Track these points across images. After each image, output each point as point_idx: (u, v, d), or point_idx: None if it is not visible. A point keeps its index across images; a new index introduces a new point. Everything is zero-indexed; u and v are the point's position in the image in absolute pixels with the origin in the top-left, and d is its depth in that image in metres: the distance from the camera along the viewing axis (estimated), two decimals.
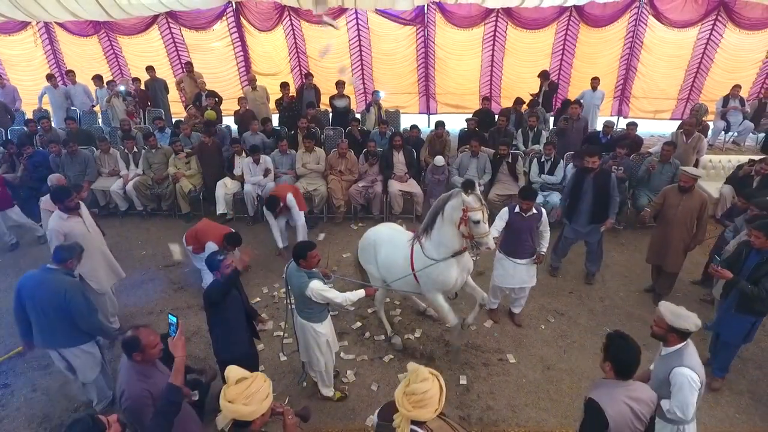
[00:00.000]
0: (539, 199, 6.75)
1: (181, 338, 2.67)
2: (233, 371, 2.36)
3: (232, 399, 2.27)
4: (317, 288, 3.59)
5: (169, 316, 2.71)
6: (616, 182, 5.39)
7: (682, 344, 2.81)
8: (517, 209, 4.69)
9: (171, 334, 2.67)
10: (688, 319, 2.76)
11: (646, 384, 2.66)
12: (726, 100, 9.24)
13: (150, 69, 9.73)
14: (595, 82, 9.23)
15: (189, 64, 9.76)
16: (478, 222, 3.86)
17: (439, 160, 7.01)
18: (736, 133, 9.43)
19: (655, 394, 2.58)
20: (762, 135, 9.30)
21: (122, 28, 10.27)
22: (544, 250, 4.85)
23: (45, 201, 5.49)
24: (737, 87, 9.17)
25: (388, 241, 4.57)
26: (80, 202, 4.63)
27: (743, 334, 4.12)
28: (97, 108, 9.75)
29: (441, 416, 2.70)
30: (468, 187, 3.88)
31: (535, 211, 4.71)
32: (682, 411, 2.76)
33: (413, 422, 2.29)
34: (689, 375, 2.70)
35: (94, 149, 7.66)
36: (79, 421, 2.24)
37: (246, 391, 2.28)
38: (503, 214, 4.75)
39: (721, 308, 4.23)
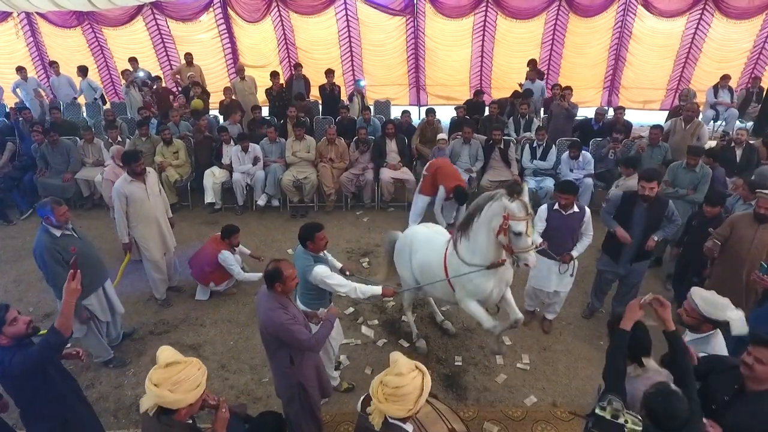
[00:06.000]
0: (531, 184, 6.72)
1: (75, 281, 2.71)
2: (166, 352, 2.18)
3: (158, 383, 2.09)
4: (321, 273, 3.39)
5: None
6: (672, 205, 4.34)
7: (714, 332, 2.66)
8: (555, 206, 4.21)
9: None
10: (724, 308, 2.57)
11: (665, 371, 2.47)
12: (716, 90, 9.29)
13: (133, 60, 9.56)
14: (539, 75, 9.27)
15: (189, 55, 9.60)
16: (519, 234, 3.26)
17: (443, 136, 7.02)
18: (723, 122, 9.49)
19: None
20: (750, 123, 9.36)
21: (106, 19, 10.07)
22: (576, 253, 4.28)
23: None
24: (726, 77, 9.21)
25: (424, 243, 4.09)
26: (148, 168, 4.86)
27: None
28: (81, 99, 9.55)
29: (429, 401, 2.62)
30: (514, 191, 3.28)
31: (576, 209, 4.19)
32: None
33: (392, 417, 2.14)
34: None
35: (78, 139, 7.48)
36: None
37: (174, 377, 2.10)
38: (542, 213, 4.24)
39: (751, 319, 3.61)
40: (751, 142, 6.62)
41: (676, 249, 4.96)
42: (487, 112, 8.48)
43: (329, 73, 8.93)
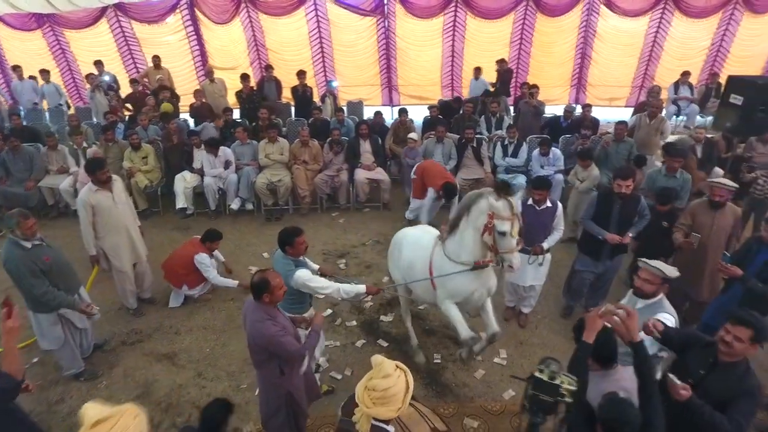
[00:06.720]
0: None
1: (13, 317, 2.54)
2: (91, 410, 1.83)
3: None
4: (303, 278, 3.35)
5: None
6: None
7: (662, 295, 2.96)
8: (529, 201, 4.33)
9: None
10: (669, 267, 2.97)
11: (630, 368, 2.53)
12: (676, 86, 9.62)
13: (98, 63, 9.31)
14: (477, 72, 9.51)
15: (156, 58, 9.41)
16: (504, 234, 3.26)
17: (414, 135, 7.02)
18: (685, 117, 9.84)
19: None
20: (710, 118, 9.74)
21: (68, 22, 9.78)
22: (546, 245, 4.37)
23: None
24: (687, 73, 9.56)
25: (413, 243, 4.06)
26: (114, 176, 4.67)
27: None
28: (45, 104, 9.24)
29: (411, 402, 2.56)
30: (501, 189, 3.28)
31: (549, 204, 4.31)
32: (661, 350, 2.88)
33: (377, 419, 2.13)
34: (670, 321, 2.83)
35: (41, 146, 7.23)
36: None
37: None
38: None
39: (717, 306, 3.95)
40: (709, 136, 6.88)
41: (635, 242, 5.09)
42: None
43: (301, 74, 8.89)
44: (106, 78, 9.23)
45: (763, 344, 2.44)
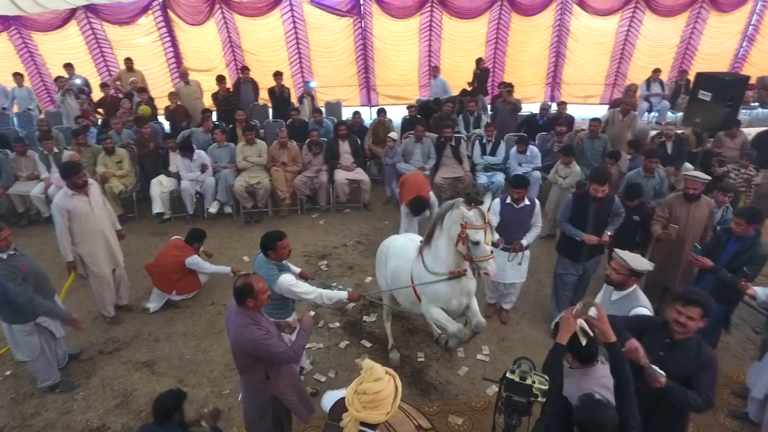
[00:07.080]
0: (483, 179, 6.89)
1: None
2: None
3: None
4: (287, 282, 3.33)
5: None
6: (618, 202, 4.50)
7: (635, 286, 3.03)
8: (508, 200, 4.40)
9: None
10: (643, 261, 3.04)
11: (606, 366, 2.53)
12: (648, 83, 9.87)
13: (68, 66, 9.07)
14: (436, 71, 9.78)
15: (129, 60, 9.22)
16: (477, 243, 3.29)
17: (393, 135, 7.02)
18: (657, 114, 10.09)
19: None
20: (680, 114, 9.98)
21: (36, 24, 9.48)
22: (526, 242, 4.45)
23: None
24: (657, 71, 9.83)
25: (399, 252, 4.07)
26: (89, 180, 4.56)
27: (715, 321, 3.84)
28: (15, 109, 8.97)
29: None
30: (471, 199, 3.34)
31: (527, 202, 4.40)
32: None
33: (364, 423, 2.09)
34: (645, 313, 2.91)
35: (9, 152, 7.01)
36: None
37: None
38: (495, 208, 4.36)
39: None
40: (679, 132, 7.06)
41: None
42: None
43: (278, 75, 8.81)
44: (77, 81, 9.01)
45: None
